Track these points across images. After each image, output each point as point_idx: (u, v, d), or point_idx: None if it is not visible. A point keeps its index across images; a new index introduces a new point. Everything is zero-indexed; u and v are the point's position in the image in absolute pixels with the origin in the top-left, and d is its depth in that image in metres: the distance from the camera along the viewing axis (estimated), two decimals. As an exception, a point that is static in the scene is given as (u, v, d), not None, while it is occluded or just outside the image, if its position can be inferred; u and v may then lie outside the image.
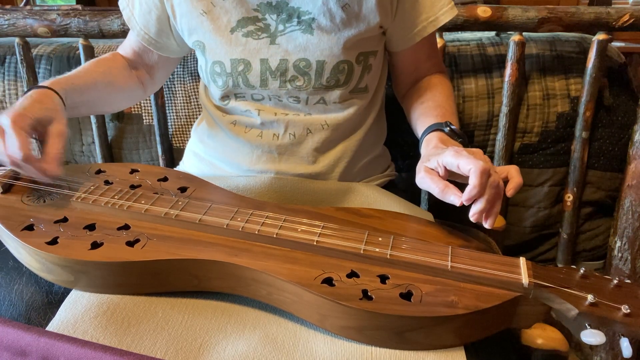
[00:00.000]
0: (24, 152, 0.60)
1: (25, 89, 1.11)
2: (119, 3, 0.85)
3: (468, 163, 0.56)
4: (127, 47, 0.88)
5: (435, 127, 0.71)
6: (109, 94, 0.82)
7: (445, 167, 0.60)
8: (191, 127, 1.07)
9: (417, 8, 0.77)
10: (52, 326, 0.52)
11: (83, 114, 0.82)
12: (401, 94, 0.89)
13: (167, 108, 1.13)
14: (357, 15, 0.73)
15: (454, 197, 0.58)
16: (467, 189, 0.56)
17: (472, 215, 0.57)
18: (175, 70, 1.11)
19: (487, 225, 0.58)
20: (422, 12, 0.78)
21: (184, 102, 1.12)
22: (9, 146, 0.60)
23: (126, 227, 0.61)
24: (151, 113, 1.12)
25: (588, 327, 0.50)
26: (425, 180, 0.61)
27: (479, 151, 0.61)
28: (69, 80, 0.73)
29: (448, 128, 0.70)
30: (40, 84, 0.69)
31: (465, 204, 0.57)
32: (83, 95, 0.75)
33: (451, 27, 0.99)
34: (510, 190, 0.60)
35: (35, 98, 0.65)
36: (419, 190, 1.13)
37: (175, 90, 1.12)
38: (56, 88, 0.69)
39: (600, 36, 0.98)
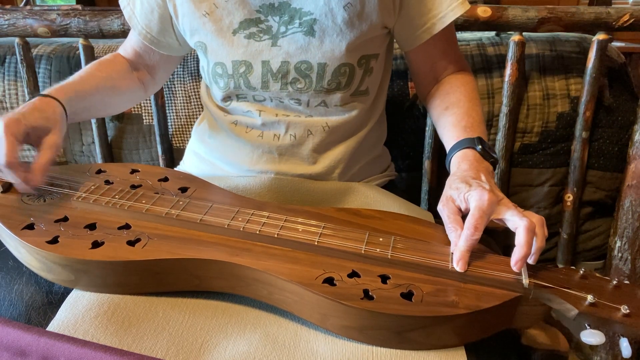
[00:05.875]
0: (8, 159, 0.60)
1: (26, 89, 1.11)
2: (120, 2, 0.85)
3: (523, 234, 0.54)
4: (128, 47, 0.88)
5: (467, 145, 0.69)
6: (110, 98, 0.82)
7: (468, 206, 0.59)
8: (191, 127, 1.07)
9: (425, 4, 0.75)
10: (52, 326, 0.52)
11: (84, 118, 0.82)
12: (423, 94, 0.86)
13: (167, 108, 1.13)
14: (360, 15, 0.72)
15: (454, 238, 0.57)
16: (516, 250, 0.54)
17: (515, 264, 0.54)
18: (175, 70, 1.11)
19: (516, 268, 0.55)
20: (431, 9, 0.75)
21: (184, 102, 1.12)
22: None
23: (127, 226, 0.61)
24: (151, 113, 1.12)
25: (588, 327, 0.50)
26: (444, 213, 0.61)
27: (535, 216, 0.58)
28: (71, 87, 0.73)
29: (480, 146, 0.68)
30: (44, 92, 0.69)
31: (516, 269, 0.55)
32: (85, 102, 0.75)
33: (451, 27, 0.99)
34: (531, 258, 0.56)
35: (36, 106, 0.65)
36: (418, 190, 1.13)
37: (175, 90, 1.12)
38: (60, 97, 0.69)
39: (600, 36, 0.98)
